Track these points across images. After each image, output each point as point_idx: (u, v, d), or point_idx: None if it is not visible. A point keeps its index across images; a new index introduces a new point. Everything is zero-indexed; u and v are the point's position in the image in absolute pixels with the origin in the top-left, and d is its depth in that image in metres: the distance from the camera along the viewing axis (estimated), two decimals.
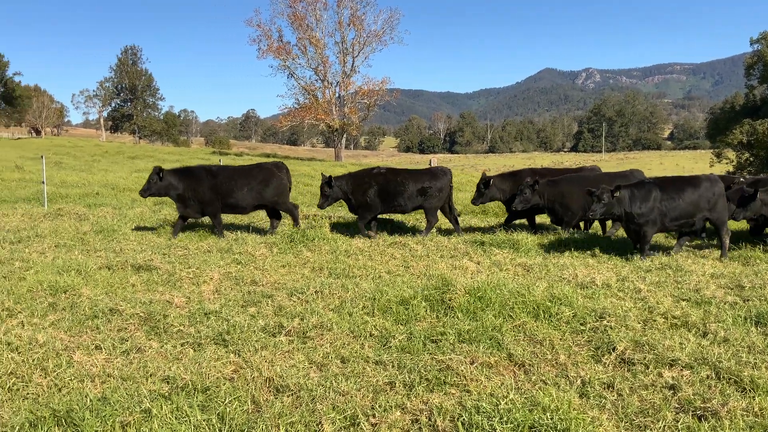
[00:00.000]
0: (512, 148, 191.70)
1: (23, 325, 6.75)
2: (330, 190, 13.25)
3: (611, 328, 6.40)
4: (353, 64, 67.56)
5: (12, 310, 7.31)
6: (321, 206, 13.57)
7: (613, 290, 8.04)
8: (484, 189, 13.84)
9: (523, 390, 4.99)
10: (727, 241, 11.06)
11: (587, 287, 8.22)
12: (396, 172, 13.81)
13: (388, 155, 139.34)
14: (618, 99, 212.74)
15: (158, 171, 12.76)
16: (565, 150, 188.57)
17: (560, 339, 6.20)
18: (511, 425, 4.33)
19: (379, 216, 13.89)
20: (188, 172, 13.25)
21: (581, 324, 6.62)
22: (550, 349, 5.93)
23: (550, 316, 6.77)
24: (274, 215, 14.02)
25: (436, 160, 19.01)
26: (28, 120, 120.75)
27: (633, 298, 7.68)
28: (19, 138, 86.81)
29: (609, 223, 14.14)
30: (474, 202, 14.28)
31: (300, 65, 67.65)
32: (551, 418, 4.39)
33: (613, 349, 5.82)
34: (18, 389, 5.15)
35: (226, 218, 15.13)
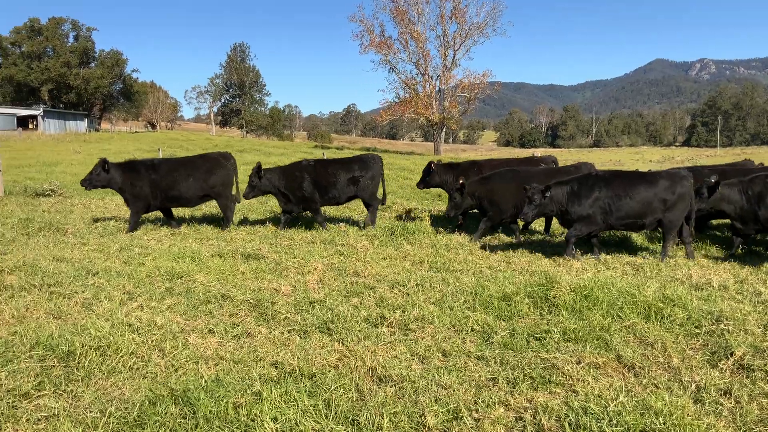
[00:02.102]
0: (619, 142, 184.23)
1: (142, 308, 7.19)
2: (258, 181, 12.79)
3: (729, 332, 6.06)
4: (454, 57, 67.22)
5: (132, 293, 7.82)
6: (246, 196, 12.97)
7: (731, 292, 7.62)
8: (427, 176, 14.15)
9: (633, 393, 4.81)
10: (671, 245, 10.23)
11: (702, 289, 7.82)
12: (326, 163, 13.51)
13: (487, 149, 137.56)
14: (735, 91, 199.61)
15: (104, 163, 12.48)
16: (677, 144, 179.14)
17: (673, 342, 5.93)
18: (621, 428, 4.19)
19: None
20: (129, 166, 12.90)
21: (696, 327, 6.31)
22: (662, 352, 5.69)
23: (662, 318, 6.49)
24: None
25: (539, 153, 18.55)
26: (144, 114, 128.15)
27: (752, 301, 7.24)
28: (136, 132, 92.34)
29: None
30: (418, 185, 14.65)
31: (401, 59, 68.08)
32: (664, 423, 4.22)
33: (731, 354, 5.51)
34: (138, 368, 5.48)
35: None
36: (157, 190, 12.72)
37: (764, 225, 10.12)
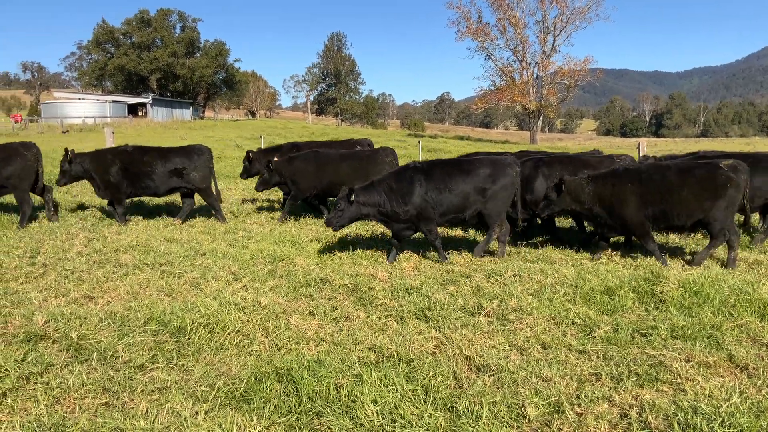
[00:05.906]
0: (728, 133, 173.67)
1: (247, 289, 7.49)
2: (69, 166, 12.02)
3: None
4: (554, 43, 65.45)
5: (237, 274, 8.15)
6: (58, 183, 12.36)
7: None
8: (248, 164, 13.85)
9: (746, 394, 4.55)
10: (493, 238, 9.40)
11: None
12: (144, 150, 12.53)
13: (585, 138, 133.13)
14: None
15: None
16: None
17: None
18: (734, 430, 3.99)
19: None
20: None
21: None
22: None
23: None
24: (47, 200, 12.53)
25: (645, 143, 17.81)
26: (245, 103, 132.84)
27: None
28: (237, 120, 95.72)
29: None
30: (241, 176, 14.43)
31: (498, 46, 67.03)
32: None
33: None
34: (244, 346, 5.72)
35: None
36: None
37: (533, 210, 9.97)
